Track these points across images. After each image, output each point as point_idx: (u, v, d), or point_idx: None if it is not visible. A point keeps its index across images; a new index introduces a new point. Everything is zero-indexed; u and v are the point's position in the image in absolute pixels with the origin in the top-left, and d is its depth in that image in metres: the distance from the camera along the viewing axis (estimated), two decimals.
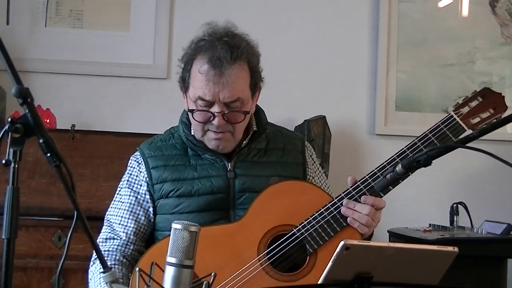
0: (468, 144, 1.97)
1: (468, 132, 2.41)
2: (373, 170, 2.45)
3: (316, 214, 2.39)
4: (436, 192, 4.13)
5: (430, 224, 3.75)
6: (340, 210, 2.40)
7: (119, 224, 2.55)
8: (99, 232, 2.59)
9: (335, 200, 2.42)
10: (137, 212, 2.56)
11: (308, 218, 2.38)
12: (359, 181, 2.44)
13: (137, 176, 2.60)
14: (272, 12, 4.13)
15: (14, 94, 1.68)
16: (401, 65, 4.20)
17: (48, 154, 1.70)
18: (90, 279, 2.48)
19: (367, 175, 2.45)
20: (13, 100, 1.79)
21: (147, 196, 2.56)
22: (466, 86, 4.23)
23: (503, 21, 4.30)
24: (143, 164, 2.58)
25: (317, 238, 2.37)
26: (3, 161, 1.67)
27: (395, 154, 2.49)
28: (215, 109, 2.42)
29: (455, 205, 3.79)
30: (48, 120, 3.70)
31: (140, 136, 3.49)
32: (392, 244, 1.77)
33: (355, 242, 1.70)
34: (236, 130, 2.50)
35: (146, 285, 1.66)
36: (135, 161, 2.63)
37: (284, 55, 4.11)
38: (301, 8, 4.19)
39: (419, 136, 2.49)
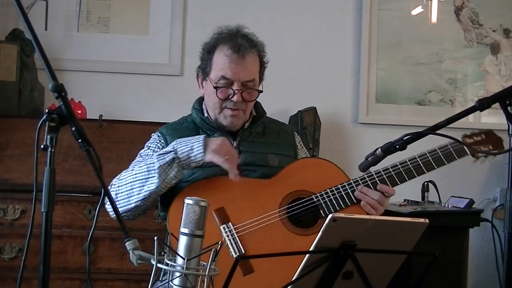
0: (437, 132, 1.97)
1: (469, 156, 2.50)
2: (387, 166, 2.50)
3: (334, 189, 2.47)
4: None
5: (404, 200, 3.75)
6: (353, 190, 2.47)
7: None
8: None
9: (352, 181, 2.49)
10: None
11: (327, 190, 2.46)
12: (373, 171, 2.50)
13: (157, 144, 2.62)
14: (273, 19, 4.11)
15: (50, 89, 1.68)
16: (380, 63, 4.19)
17: (80, 140, 1.70)
18: (122, 178, 2.47)
19: (381, 168, 2.50)
20: (50, 94, 1.78)
21: None
22: (435, 81, 4.23)
23: (466, 27, 4.29)
24: (164, 141, 2.61)
25: (330, 207, 2.45)
26: (42, 146, 1.67)
27: (408, 159, 2.51)
28: (235, 87, 2.52)
29: (426, 183, 3.79)
30: (79, 111, 3.69)
31: (157, 124, 3.46)
32: (372, 217, 1.77)
33: (342, 215, 1.70)
34: (247, 109, 2.60)
35: (163, 252, 1.65)
36: (156, 136, 2.67)
37: (282, 55, 4.09)
38: (296, 15, 4.17)
39: (429, 151, 2.52)
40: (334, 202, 2.45)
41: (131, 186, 2.39)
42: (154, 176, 2.34)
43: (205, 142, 2.35)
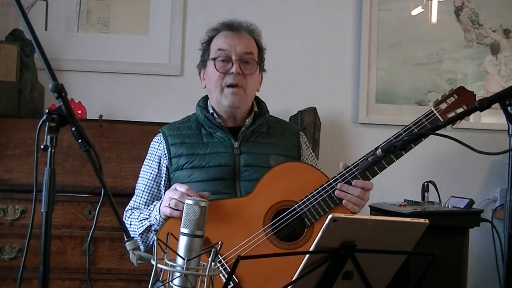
0: (437, 132, 1.97)
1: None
2: (363, 157, 2.46)
3: (315, 193, 2.40)
4: (410, 172, 4.12)
5: (404, 200, 3.75)
6: (334, 190, 2.40)
7: (138, 196, 2.66)
8: (124, 207, 2.61)
9: (331, 181, 2.43)
10: (152, 186, 2.64)
11: (308, 196, 2.39)
12: (351, 165, 2.44)
13: (155, 154, 2.66)
14: (273, 20, 4.11)
15: (50, 89, 1.69)
16: (380, 64, 4.19)
17: (80, 140, 1.70)
18: (130, 224, 2.58)
19: (359, 160, 2.44)
20: (50, 94, 1.79)
21: (163, 170, 2.63)
22: (435, 82, 4.23)
23: (466, 27, 4.29)
24: (164, 142, 2.63)
25: (314, 213, 2.38)
26: (42, 146, 1.68)
27: (382, 143, 2.48)
28: (233, 58, 2.55)
29: (426, 183, 3.79)
30: (79, 111, 3.69)
31: (157, 124, 3.49)
32: (373, 217, 1.77)
33: (342, 215, 1.70)
34: (248, 86, 2.60)
35: (163, 252, 1.65)
36: (156, 142, 2.70)
37: (281, 56, 4.09)
38: (296, 15, 4.18)
39: (404, 128, 2.48)
40: (318, 207, 2.38)
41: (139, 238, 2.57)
42: (140, 244, 2.55)
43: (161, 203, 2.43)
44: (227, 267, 2.28)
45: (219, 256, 2.28)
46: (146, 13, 4.08)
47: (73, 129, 1.70)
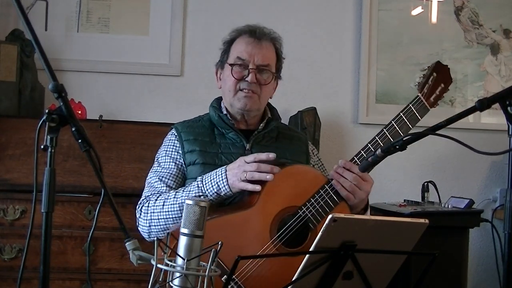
0: (437, 132, 1.97)
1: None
2: (359, 151, 2.51)
3: (317, 196, 2.40)
4: (409, 173, 4.12)
5: (404, 200, 3.75)
6: (334, 190, 2.42)
7: (161, 181, 2.58)
8: (124, 207, 2.59)
9: (331, 182, 2.43)
10: (177, 175, 2.61)
11: (310, 200, 2.39)
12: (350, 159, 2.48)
13: (173, 145, 2.66)
14: (273, 20, 4.07)
15: (50, 89, 1.68)
16: (380, 64, 4.19)
17: (80, 140, 1.70)
18: (163, 205, 2.45)
19: (355, 156, 2.49)
20: (50, 94, 1.79)
21: (182, 161, 2.62)
22: None
23: (466, 27, 4.29)
24: (178, 137, 2.65)
25: (317, 216, 2.38)
26: (42, 146, 1.67)
27: (376, 135, 2.52)
28: (249, 67, 2.58)
29: (426, 183, 3.79)
30: (79, 112, 3.69)
31: (157, 125, 3.50)
32: (372, 217, 1.77)
33: (342, 215, 1.70)
34: (262, 94, 2.64)
35: (163, 252, 1.65)
36: (171, 135, 2.72)
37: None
38: (295, 16, 4.17)
39: (394, 117, 2.59)
40: (320, 209, 2.38)
41: (165, 222, 2.44)
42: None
43: (227, 176, 2.40)
44: (238, 281, 2.24)
45: (234, 278, 2.24)
46: (146, 13, 4.08)
47: (73, 129, 1.70)
